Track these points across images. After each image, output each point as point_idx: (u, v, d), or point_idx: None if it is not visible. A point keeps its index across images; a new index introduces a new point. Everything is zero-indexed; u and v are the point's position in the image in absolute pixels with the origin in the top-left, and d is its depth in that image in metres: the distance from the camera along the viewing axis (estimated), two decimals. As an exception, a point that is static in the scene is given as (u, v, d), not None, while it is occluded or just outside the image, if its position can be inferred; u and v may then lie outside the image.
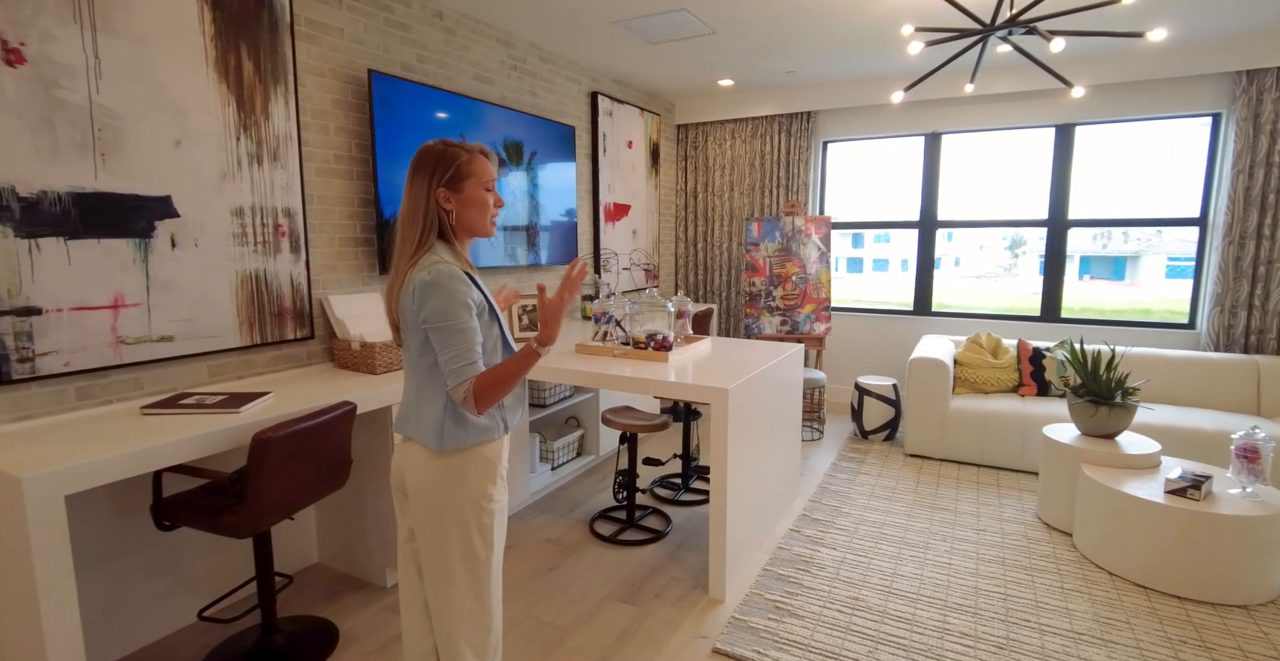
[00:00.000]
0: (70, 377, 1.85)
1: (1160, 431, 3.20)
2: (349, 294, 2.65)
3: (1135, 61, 3.83)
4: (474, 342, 1.31)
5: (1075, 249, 14.12)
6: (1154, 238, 10.50)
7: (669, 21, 3.34)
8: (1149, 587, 2.35)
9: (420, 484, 1.37)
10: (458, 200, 1.37)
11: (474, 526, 1.38)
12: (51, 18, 1.74)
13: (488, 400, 1.30)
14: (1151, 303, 3.81)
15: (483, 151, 1.41)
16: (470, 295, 1.32)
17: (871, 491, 3.28)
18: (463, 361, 1.29)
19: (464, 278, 1.32)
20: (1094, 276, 12.00)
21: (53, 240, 1.76)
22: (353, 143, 2.64)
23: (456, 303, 1.29)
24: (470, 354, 1.30)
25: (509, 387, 1.32)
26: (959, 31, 2.51)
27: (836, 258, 4.75)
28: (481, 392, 1.29)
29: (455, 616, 1.40)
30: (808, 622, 2.14)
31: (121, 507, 1.97)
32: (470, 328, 1.30)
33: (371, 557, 2.41)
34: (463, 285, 1.30)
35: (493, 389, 1.30)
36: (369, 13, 2.69)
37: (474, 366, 1.30)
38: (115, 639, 1.98)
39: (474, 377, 1.29)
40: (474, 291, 1.34)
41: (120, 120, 1.89)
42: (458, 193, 1.37)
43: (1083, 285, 11.61)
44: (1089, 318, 4.27)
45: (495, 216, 1.44)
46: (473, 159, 1.38)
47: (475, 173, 1.38)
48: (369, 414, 2.27)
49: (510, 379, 1.31)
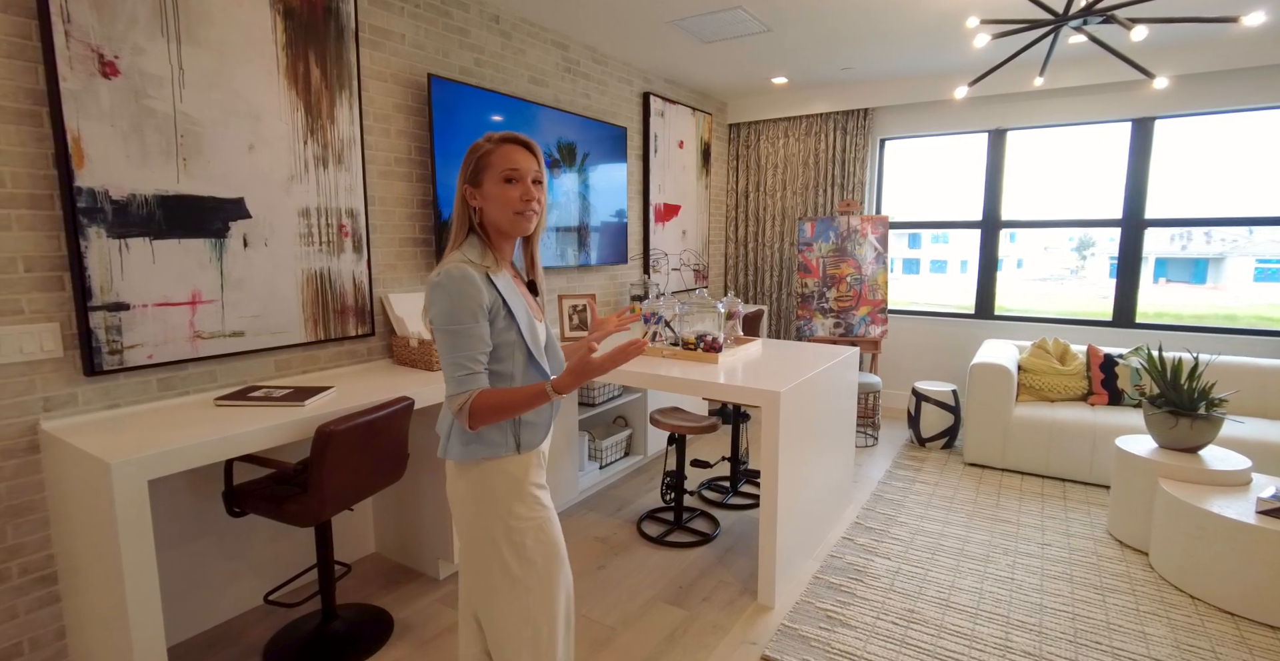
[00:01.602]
0: (153, 369, 1.97)
1: (1251, 447, 2.98)
2: (408, 293, 2.72)
3: (1224, 49, 3.58)
4: (477, 351, 1.23)
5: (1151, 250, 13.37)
6: (1241, 238, 9.81)
7: (724, 20, 3.31)
8: (1237, 615, 2.18)
9: (451, 499, 1.35)
10: (480, 196, 1.30)
11: (505, 545, 1.30)
12: (142, 32, 1.85)
13: (483, 420, 1.23)
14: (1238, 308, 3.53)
15: (508, 139, 1.31)
16: (479, 298, 1.23)
17: (928, 500, 3.16)
18: (463, 370, 1.22)
19: (474, 279, 1.23)
20: (1171, 279, 11.27)
21: (140, 240, 1.88)
22: (412, 146, 2.71)
23: (462, 306, 1.21)
24: (472, 363, 1.23)
25: (508, 416, 1.25)
26: (1029, 22, 2.39)
27: (892, 259, 4.61)
28: (479, 411, 1.22)
29: (501, 636, 1.34)
30: (861, 633, 2.08)
31: (197, 494, 2.08)
32: (475, 334, 1.23)
33: (425, 550, 2.47)
34: (471, 287, 1.22)
35: (491, 412, 1.22)
36: (429, 18, 2.76)
37: (475, 377, 1.23)
38: (189, 617, 2.09)
39: (476, 392, 1.22)
40: (485, 293, 1.24)
41: (200, 126, 1.99)
42: (479, 188, 1.30)
43: (1159, 289, 10.91)
44: (1166, 323, 4.01)
45: (525, 210, 1.29)
46: (493, 149, 1.29)
47: (492, 164, 1.28)
48: (425, 409, 2.33)
49: (511, 410, 1.24)
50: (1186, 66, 3.67)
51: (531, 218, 1.32)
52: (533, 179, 1.31)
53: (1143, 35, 2.08)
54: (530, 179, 1.30)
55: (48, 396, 1.76)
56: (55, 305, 1.76)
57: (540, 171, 1.33)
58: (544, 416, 1.36)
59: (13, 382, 1.70)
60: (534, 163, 1.31)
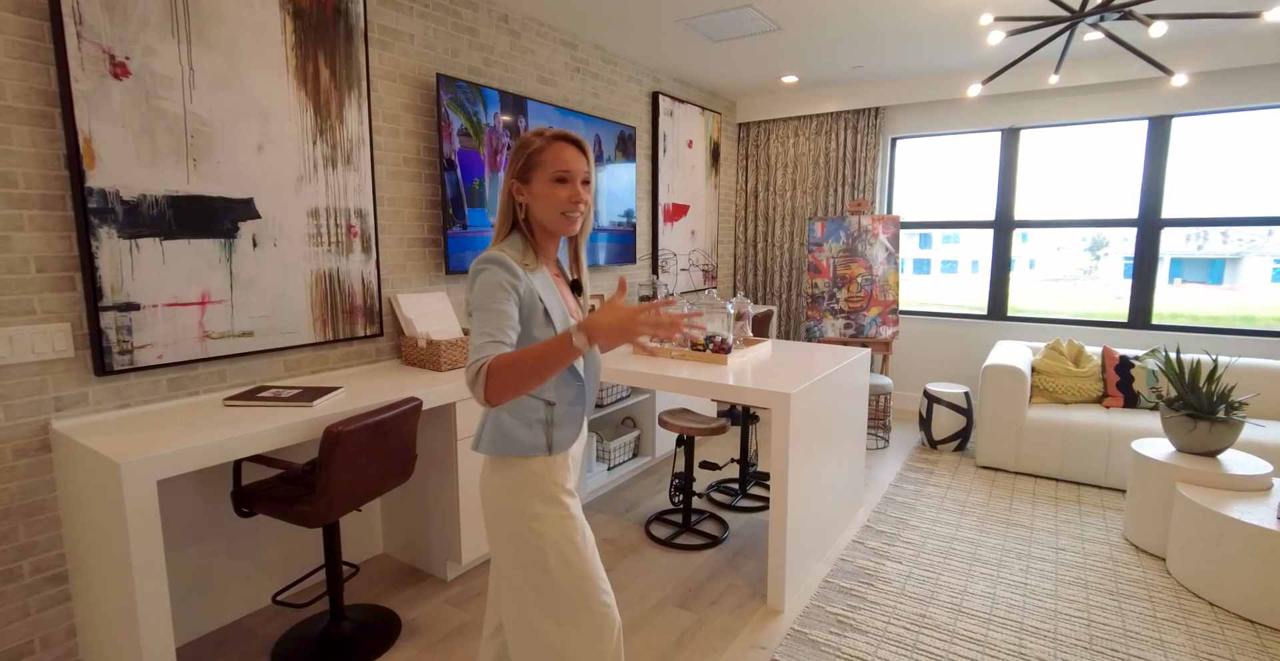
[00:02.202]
0: (163, 369, 1.97)
1: (1273, 451, 2.92)
2: (417, 293, 2.72)
3: (1244, 45, 3.51)
4: (505, 325, 1.16)
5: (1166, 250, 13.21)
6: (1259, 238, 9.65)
7: (733, 19, 3.29)
8: (1258, 622, 2.14)
9: (481, 493, 1.34)
10: (528, 193, 1.28)
11: (525, 547, 1.26)
12: (154, 33, 1.85)
13: (501, 386, 1.08)
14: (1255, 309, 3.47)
15: (560, 137, 1.28)
16: (512, 281, 1.20)
17: (940, 504, 3.13)
18: (485, 338, 1.14)
19: (508, 263, 1.20)
20: (1186, 280, 11.11)
21: (150, 240, 1.88)
22: (421, 146, 2.71)
23: (494, 284, 1.18)
24: (497, 333, 1.14)
25: (531, 377, 1.08)
26: (1045, 19, 2.36)
27: (903, 259, 4.56)
28: (495, 373, 1.07)
29: (515, 638, 1.31)
30: (872, 638, 2.06)
31: (207, 494, 2.09)
32: (504, 311, 1.17)
33: (434, 551, 2.47)
34: (504, 270, 1.19)
35: (510, 372, 1.07)
36: (439, 18, 2.76)
37: (494, 346, 1.12)
38: (199, 616, 2.09)
39: (492, 357, 1.10)
40: (521, 280, 1.21)
41: (210, 127, 2.00)
42: (528, 185, 1.28)
43: (1174, 289, 10.75)
44: (1182, 325, 3.94)
45: (573, 212, 1.27)
46: (545, 147, 1.26)
47: (543, 162, 1.26)
48: (433, 410, 2.32)
49: (534, 364, 1.07)
50: (1205, 63, 3.61)
51: (577, 219, 1.30)
52: (582, 179, 1.29)
53: (1162, 31, 2.04)
54: (580, 180, 1.28)
55: (59, 396, 1.77)
56: (66, 305, 1.77)
57: (589, 172, 1.30)
58: (575, 416, 1.32)
59: (25, 382, 1.71)
60: (584, 163, 1.29)
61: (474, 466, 2.36)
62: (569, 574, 1.26)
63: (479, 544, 2.42)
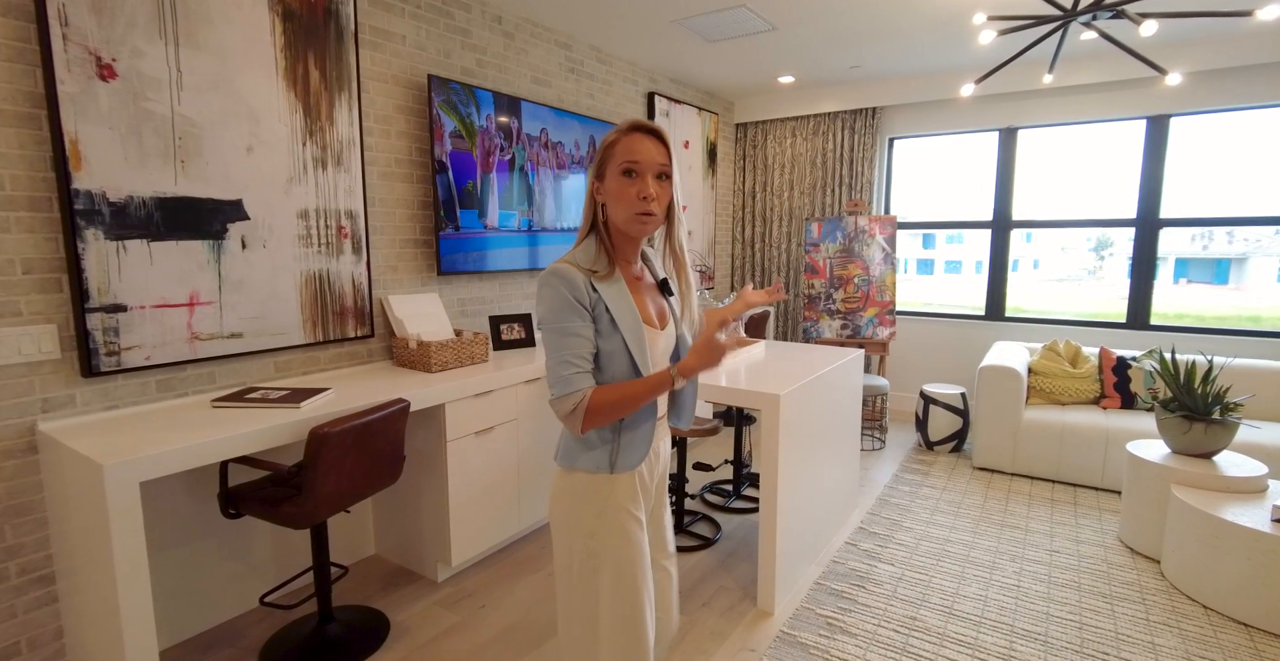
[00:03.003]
0: (151, 371, 1.97)
1: (1270, 452, 2.90)
2: (409, 294, 2.72)
3: (1242, 44, 3.49)
4: (583, 350, 1.15)
5: (1170, 250, 13.09)
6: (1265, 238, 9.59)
7: (728, 19, 3.29)
8: (1251, 625, 2.12)
9: (550, 500, 1.31)
10: (604, 191, 1.20)
11: (578, 564, 1.24)
12: (141, 35, 1.85)
13: (599, 419, 1.15)
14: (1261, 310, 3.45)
15: (636, 127, 1.18)
16: (580, 297, 1.15)
17: (935, 505, 3.11)
18: (571, 368, 1.14)
19: (572, 277, 1.16)
20: (1192, 280, 11.04)
21: (138, 242, 1.88)
22: (413, 147, 2.71)
23: (564, 303, 1.15)
24: (579, 361, 1.15)
25: (628, 411, 1.17)
26: (1037, 18, 2.34)
27: (905, 259, 4.55)
28: (596, 409, 1.13)
29: (561, 651, 1.31)
30: (861, 641, 2.05)
31: (196, 495, 2.09)
32: (578, 333, 1.15)
33: (425, 552, 2.46)
34: (569, 286, 1.15)
35: (609, 410, 1.15)
36: (431, 19, 2.76)
37: (584, 376, 1.15)
38: (188, 617, 2.09)
39: (589, 390, 1.14)
40: (584, 293, 1.16)
41: (199, 128, 2.00)
42: (603, 182, 1.20)
43: (1179, 289, 10.68)
44: (1183, 325, 3.92)
45: (642, 210, 1.16)
46: (617, 139, 1.18)
47: (614, 156, 1.17)
48: (423, 411, 2.32)
49: (631, 403, 1.16)
50: (1201, 63, 3.59)
51: (650, 221, 1.18)
52: (657, 173, 1.18)
53: (1152, 30, 2.03)
54: (653, 173, 1.17)
55: (46, 397, 1.77)
56: (53, 307, 1.77)
57: (669, 165, 1.19)
58: (644, 433, 1.25)
59: (12, 384, 1.71)
60: (660, 154, 1.17)
61: (463, 467, 2.36)
62: (615, 601, 1.22)
63: (469, 545, 2.42)
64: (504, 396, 2.50)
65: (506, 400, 2.51)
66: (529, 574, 2.49)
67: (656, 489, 1.39)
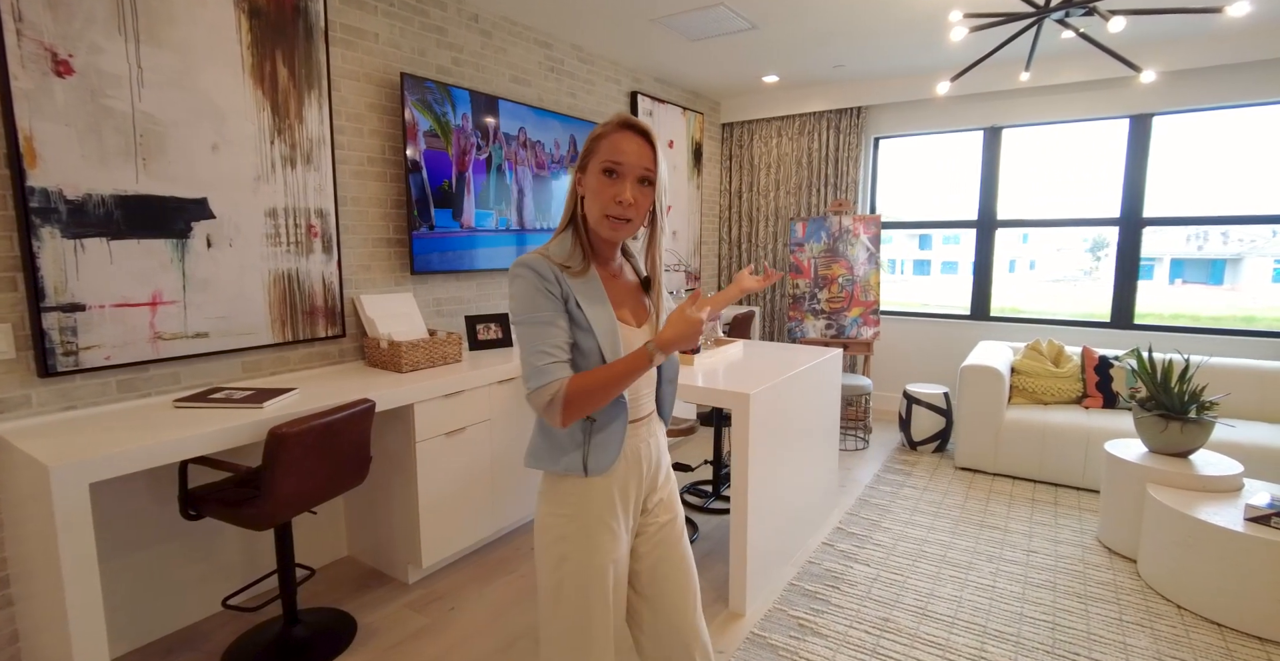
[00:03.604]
0: (112, 371, 1.95)
1: (1248, 452, 2.89)
2: (382, 293, 2.70)
3: (1222, 43, 3.49)
4: (557, 339, 1.10)
5: (1166, 251, 13.09)
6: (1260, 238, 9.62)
7: (708, 17, 3.27)
8: (1224, 625, 2.11)
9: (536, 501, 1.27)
10: (585, 186, 1.15)
11: (547, 571, 1.19)
12: (100, 31, 1.83)
13: (578, 411, 1.08)
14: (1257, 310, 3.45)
15: (624, 124, 1.12)
16: (551, 288, 1.11)
17: (915, 506, 3.10)
18: (545, 358, 1.09)
19: (543, 268, 1.11)
20: (1188, 280, 11.04)
21: (96, 240, 1.86)
22: (386, 145, 2.69)
23: (535, 293, 1.10)
24: (554, 350, 1.09)
25: (609, 396, 1.09)
26: (1009, 15, 2.33)
27: (901, 260, 4.54)
28: (574, 396, 1.07)
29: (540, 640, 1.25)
30: (831, 642, 2.03)
31: (161, 496, 2.06)
32: (551, 322, 1.10)
33: (396, 554, 2.44)
34: (539, 277, 1.10)
35: (589, 397, 1.07)
36: (405, 17, 2.74)
37: (559, 366, 1.09)
38: (150, 621, 2.07)
39: (565, 379, 1.08)
40: (555, 284, 1.11)
41: (161, 126, 1.98)
42: (585, 176, 1.15)
43: (1174, 290, 10.68)
44: (1170, 325, 3.91)
45: (616, 214, 1.11)
46: (604, 133, 1.12)
47: (598, 151, 1.12)
48: (392, 411, 2.30)
49: (612, 385, 1.08)
50: (1182, 62, 3.58)
51: (621, 226, 1.13)
52: (639, 177, 1.12)
53: (1120, 26, 2.01)
54: (635, 177, 1.11)
55: (0, 398, 1.75)
56: (8, 306, 1.74)
57: (653, 170, 1.12)
58: (614, 433, 1.16)
59: (-35, 384, 1.69)
60: (645, 157, 1.11)
61: (433, 468, 2.34)
62: (576, 615, 1.17)
63: (440, 547, 2.40)
64: (476, 397, 2.48)
65: (479, 400, 2.49)
66: (502, 576, 2.47)
67: (655, 508, 1.28)
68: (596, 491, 1.18)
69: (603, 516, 1.18)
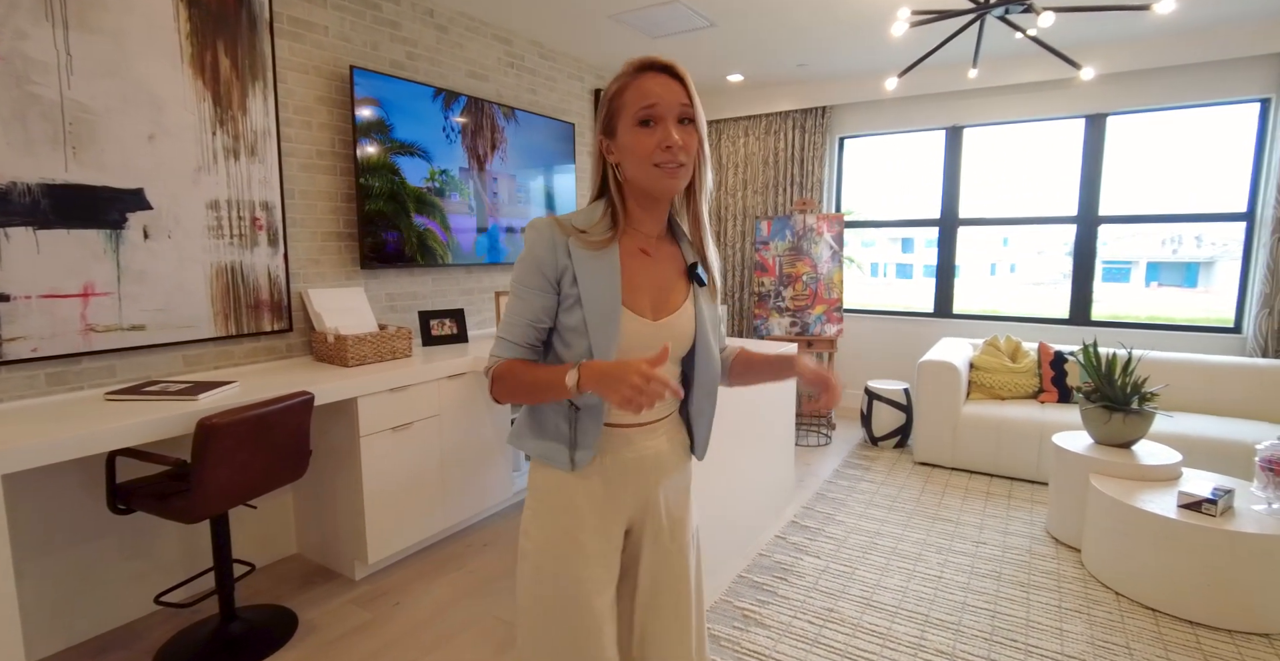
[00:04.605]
0: (40, 363, 1.91)
1: (1192, 442, 2.95)
2: (332, 287, 2.67)
3: (1172, 45, 3.57)
4: (525, 316, 1.02)
5: (1142, 254, 13.20)
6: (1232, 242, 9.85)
7: (665, 14, 3.29)
8: (1158, 610, 2.14)
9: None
10: (617, 148, 1.02)
11: (519, 567, 1.09)
12: (25, 17, 1.80)
13: (500, 393, 1.03)
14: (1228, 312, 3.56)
15: (646, 65, 0.99)
16: (548, 258, 1.00)
17: (870, 499, 3.12)
18: (506, 331, 1.04)
19: (548, 234, 1.00)
20: (1163, 283, 11.26)
21: (22, 229, 1.82)
22: (336, 138, 2.67)
23: (529, 260, 1.01)
24: (513, 330, 1.03)
25: (521, 397, 1.02)
26: (949, 12, 2.37)
27: (885, 264, 4.57)
28: (496, 382, 1.03)
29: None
30: (774, 633, 2.03)
31: (94, 492, 2.02)
32: (530, 299, 1.02)
33: (343, 550, 2.41)
34: (539, 244, 1.00)
35: (507, 388, 1.02)
36: (356, 11, 2.73)
37: (509, 346, 1.03)
38: (83, 619, 2.02)
39: (504, 360, 1.03)
40: (554, 252, 1.00)
41: (93, 114, 1.95)
42: (614, 138, 1.02)
43: (1150, 293, 10.89)
44: (1122, 321, 3.98)
45: (666, 161, 0.97)
46: (625, 84, 0.99)
47: (625, 104, 0.99)
48: (336, 406, 2.27)
49: (526, 391, 1.01)
50: (1134, 63, 3.66)
51: (677, 172, 0.99)
52: (679, 116, 0.98)
53: (1050, 22, 2.05)
54: (675, 117, 0.98)
55: (-82, 390, 1.71)
56: (-74, 296, 1.70)
57: (692, 107, 0.99)
58: (589, 433, 1.03)
59: (-121, 375, 1.65)
60: (679, 93, 0.98)
61: (378, 464, 2.31)
62: (523, 601, 1.07)
63: (387, 543, 2.38)
64: (424, 391, 2.46)
65: (428, 395, 2.47)
66: (451, 572, 2.45)
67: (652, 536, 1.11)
68: (578, 490, 1.05)
69: (571, 528, 1.04)
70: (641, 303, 1.03)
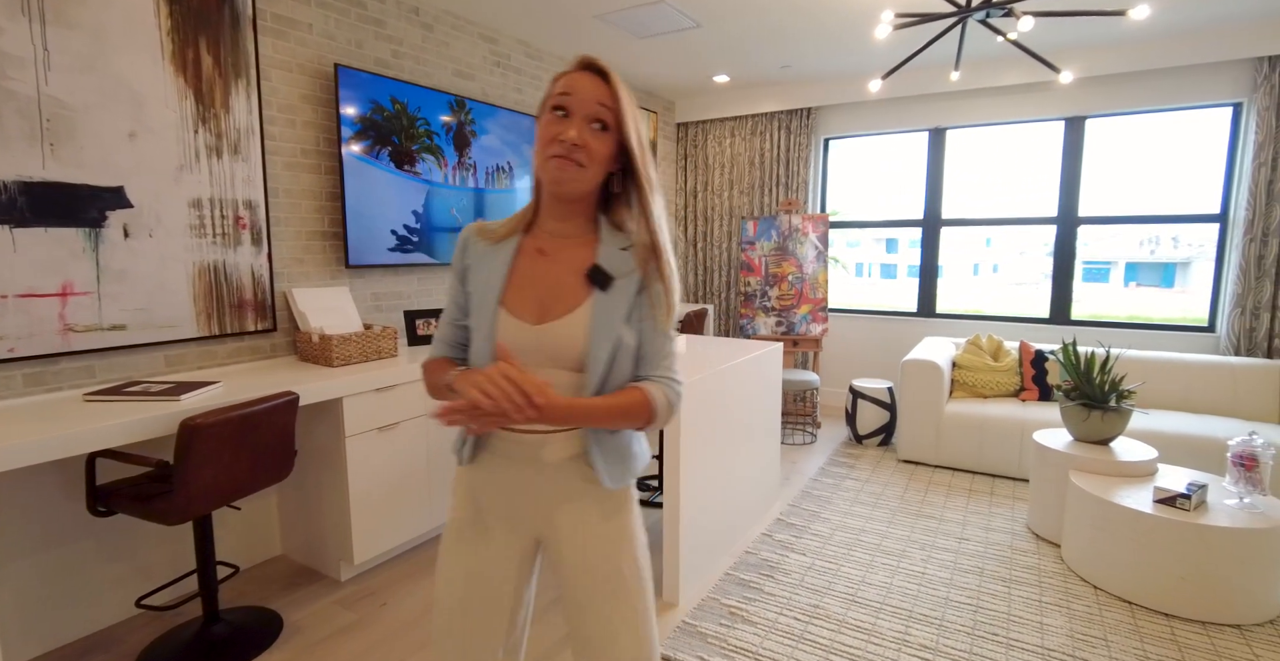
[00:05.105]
0: (16, 364, 1.88)
1: (1168, 439, 3.01)
2: (317, 287, 2.65)
3: (1148, 49, 3.64)
4: (449, 318, 1.09)
5: (1121, 255, 13.35)
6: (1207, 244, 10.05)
7: (651, 14, 3.30)
8: (1135, 603, 2.19)
9: None
10: (536, 133, 1.01)
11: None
12: (0, 12, 1.77)
13: (426, 389, 1.08)
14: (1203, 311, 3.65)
15: (583, 63, 0.97)
16: (455, 257, 1.07)
17: (855, 497, 3.15)
18: (436, 331, 1.11)
19: (464, 235, 1.07)
20: (1141, 284, 11.45)
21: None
22: (321, 137, 2.65)
23: (453, 262, 1.08)
24: (441, 329, 1.10)
25: (434, 393, 1.05)
26: (931, 16, 2.40)
27: (870, 264, 4.62)
28: (423, 376, 1.08)
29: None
30: (760, 629, 2.05)
31: (75, 494, 1.99)
32: (453, 299, 1.08)
33: (328, 551, 2.40)
34: (457, 242, 1.07)
35: (425, 383, 1.08)
36: (341, 9, 2.71)
37: (438, 344, 1.10)
38: (63, 622, 1.99)
39: (430, 358, 1.10)
40: (462, 254, 1.06)
41: (71, 111, 1.92)
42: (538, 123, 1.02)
43: (1129, 293, 11.07)
44: (1101, 321, 4.05)
45: (557, 153, 0.92)
46: (557, 78, 0.97)
47: (550, 94, 0.97)
48: (321, 406, 2.26)
49: (431, 387, 1.06)
50: (1111, 66, 3.73)
51: (567, 167, 0.92)
52: (591, 115, 0.93)
53: (1029, 26, 2.09)
54: (586, 114, 0.93)
55: (-109, 391, 1.67)
56: (-101, 295, 1.67)
57: (612, 111, 0.94)
58: (496, 436, 1.05)
59: None
60: (602, 93, 0.93)
61: (364, 464, 2.30)
62: (438, 585, 1.12)
63: (373, 544, 2.36)
64: (410, 391, 2.45)
65: (413, 395, 2.46)
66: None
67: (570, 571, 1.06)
68: (463, 482, 1.10)
69: (459, 512, 1.10)
70: (525, 304, 0.98)
